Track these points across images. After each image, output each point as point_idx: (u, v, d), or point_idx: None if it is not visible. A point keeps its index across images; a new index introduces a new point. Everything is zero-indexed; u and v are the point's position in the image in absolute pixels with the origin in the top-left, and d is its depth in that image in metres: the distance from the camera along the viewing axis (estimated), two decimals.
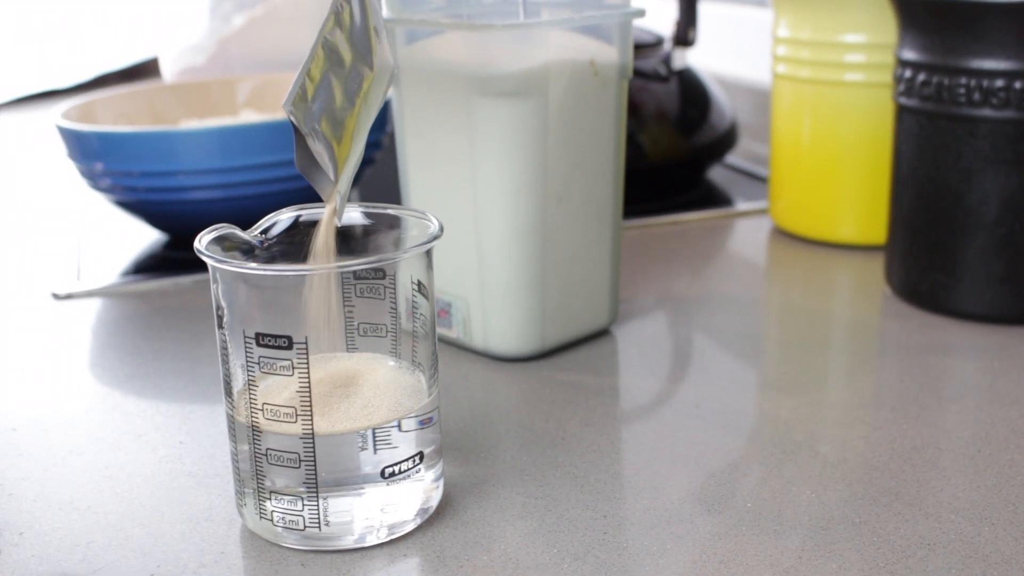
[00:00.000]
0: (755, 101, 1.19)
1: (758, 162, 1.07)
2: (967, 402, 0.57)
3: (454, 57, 0.59)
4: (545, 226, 0.60)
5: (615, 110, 0.63)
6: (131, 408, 0.59)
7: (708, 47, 1.26)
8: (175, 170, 0.78)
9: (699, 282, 0.77)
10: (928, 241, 0.67)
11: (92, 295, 0.77)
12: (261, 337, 0.42)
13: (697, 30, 0.97)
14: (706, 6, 1.30)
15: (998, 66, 0.62)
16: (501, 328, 0.62)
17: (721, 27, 1.30)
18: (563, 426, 0.55)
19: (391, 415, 0.44)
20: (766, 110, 1.13)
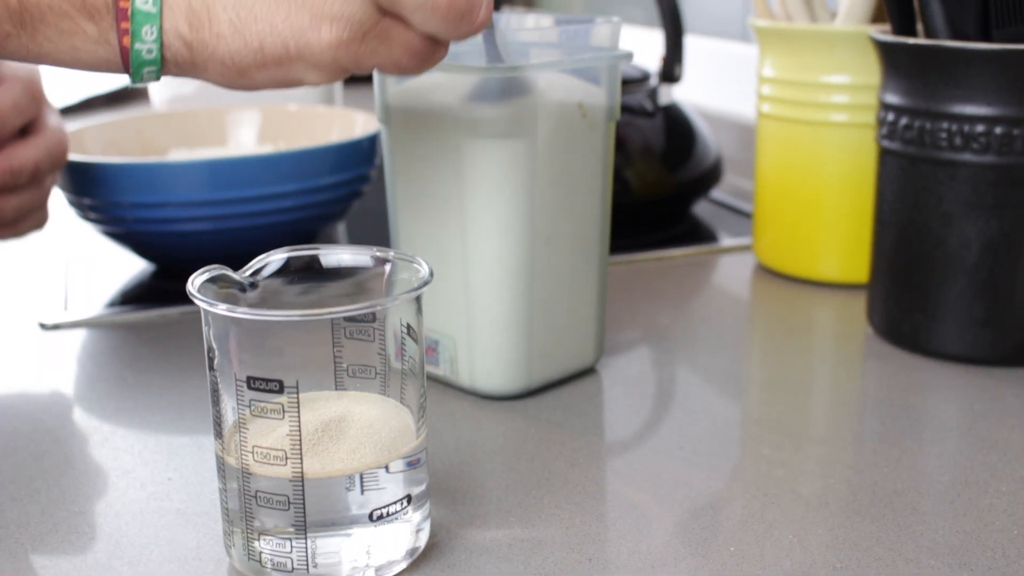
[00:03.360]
0: (740, 135, 1.21)
1: (742, 197, 1.08)
2: (947, 445, 0.58)
3: (444, 98, 0.60)
4: (533, 266, 0.61)
5: (603, 151, 0.63)
6: (119, 443, 0.59)
7: (693, 81, 1.28)
8: (164, 202, 0.79)
9: (683, 319, 0.78)
10: (910, 282, 0.68)
11: (79, 325, 0.77)
12: (252, 380, 0.43)
13: (683, 66, 0.98)
14: (692, 40, 1.31)
15: (979, 111, 0.63)
16: (488, 366, 0.62)
17: (706, 61, 1.31)
18: (548, 466, 0.56)
19: (380, 458, 0.45)
20: (751, 144, 1.14)
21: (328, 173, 0.82)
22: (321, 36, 0.48)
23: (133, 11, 0.46)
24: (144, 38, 0.47)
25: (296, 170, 0.81)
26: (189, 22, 0.47)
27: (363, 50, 0.49)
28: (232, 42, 0.47)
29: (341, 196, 0.85)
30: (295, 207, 0.81)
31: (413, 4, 0.48)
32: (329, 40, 0.48)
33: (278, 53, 0.48)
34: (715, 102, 1.30)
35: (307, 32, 0.47)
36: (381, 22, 0.49)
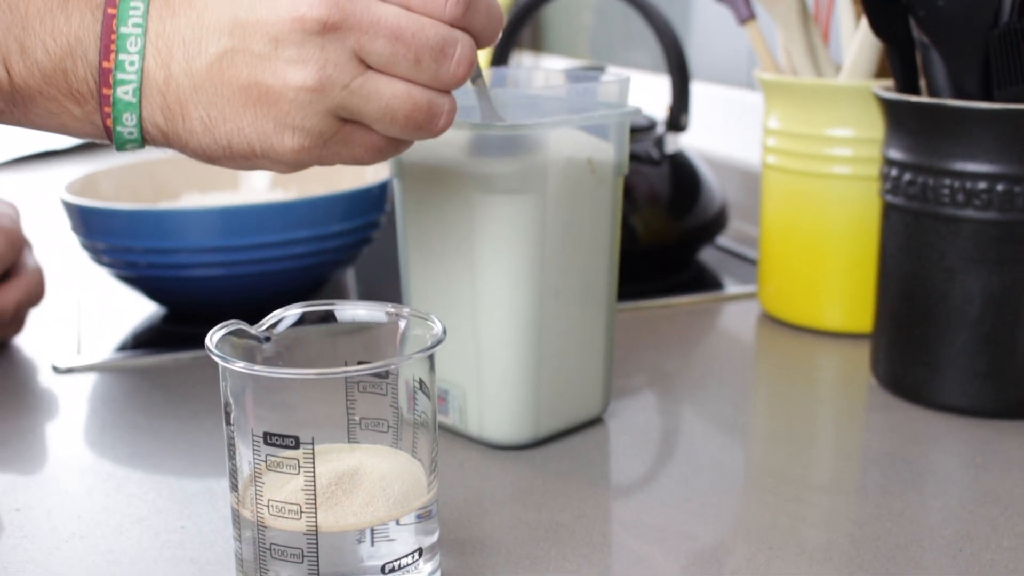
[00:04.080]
0: (745, 181, 1.22)
1: (748, 243, 1.09)
2: (949, 498, 0.59)
3: (455, 153, 0.61)
4: (541, 318, 0.62)
5: (611, 205, 0.65)
6: (133, 490, 0.60)
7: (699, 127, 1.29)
8: (177, 247, 0.80)
9: (688, 368, 0.79)
10: (912, 335, 0.69)
11: (92, 369, 0.78)
12: (269, 436, 0.44)
13: (689, 115, 0.99)
14: (698, 86, 1.32)
15: (980, 169, 0.65)
16: (496, 416, 0.63)
17: (712, 108, 1.32)
18: (556, 517, 0.56)
19: (392, 512, 0.46)
20: (756, 191, 1.15)
21: (339, 220, 0.84)
22: (284, 142, 0.50)
23: (114, 100, 0.49)
24: (125, 123, 0.50)
25: (308, 217, 0.82)
26: (164, 115, 0.50)
27: (325, 152, 0.52)
28: (202, 137, 0.51)
29: (352, 242, 0.86)
30: (306, 253, 0.83)
31: (373, 116, 0.51)
32: (291, 146, 0.51)
33: (244, 151, 0.51)
34: (720, 148, 1.31)
35: (271, 137, 0.50)
36: (343, 128, 0.51)
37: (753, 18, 0.87)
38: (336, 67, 0.49)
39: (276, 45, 0.48)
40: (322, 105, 0.50)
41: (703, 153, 1.26)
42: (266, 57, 0.48)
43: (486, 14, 0.52)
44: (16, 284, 0.80)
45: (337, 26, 0.48)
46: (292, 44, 0.48)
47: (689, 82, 0.99)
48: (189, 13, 0.49)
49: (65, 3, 0.48)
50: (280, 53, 0.48)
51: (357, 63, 0.49)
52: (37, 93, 0.49)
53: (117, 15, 0.48)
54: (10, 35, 0.47)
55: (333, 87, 0.49)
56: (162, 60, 0.49)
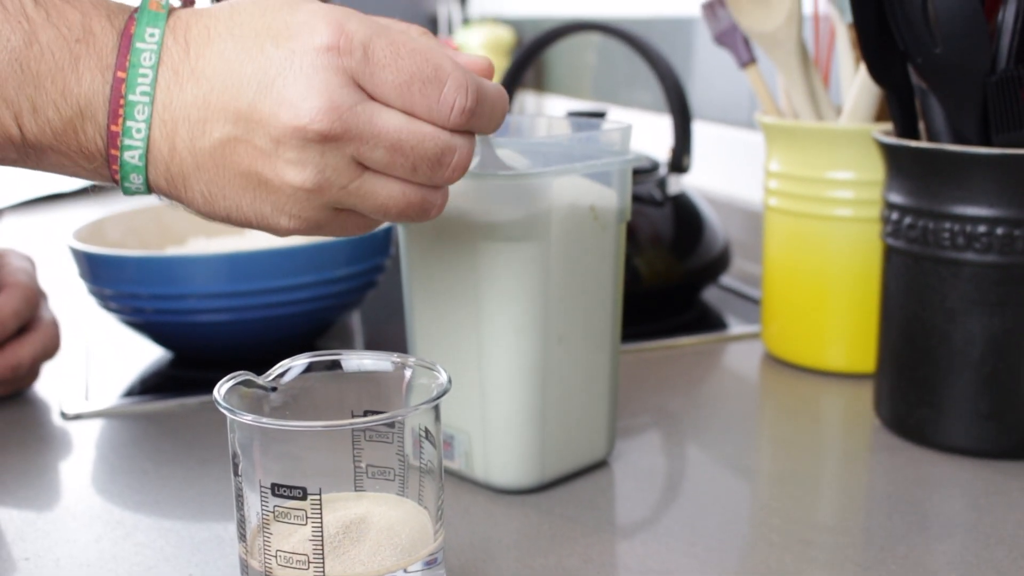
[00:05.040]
0: (747, 220, 1.22)
1: (750, 282, 1.10)
2: (954, 541, 0.59)
3: (460, 200, 0.62)
4: (546, 364, 0.63)
5: (614, 251, 0.65)
6: (141, 538, 0.61)
7: (701, 166, 1.30)
8: (183, 293, 0.81)
9: (692, 410, 0.80)
10: (915, 377, 0.70)
11: (99, 415, 0.79)
12: (277, 487, 0.44)
13: (691, 157, 1.00)
14: (700, 126, 1.33)
15: (980, 212, 0.65)
16: (502, 461, 0.64)
17: (714, 147, 1.33)
18: (562, 563, 0.57)
19: (400, 561, 0.46)
20: (759, 229, 1.16)
21: (344, 264, 0.84)
22: (280, 224, 0.52)
23: (121, 162, 0.50)
24: (132, 181, 0.51)
25: (313, 262, 0.82)
26: (167, 182, 0.51)
27: (321, 232, 0.53)
28: (203, 207, 0.52)
29: (357, 286, 0.87)
30: (312, 298, 0.83)
31: (368, 210, 0.53)
32: (287, 227, 0.52)
33: (242, 223, 0.53)
34: (723, 187, 1.32)
35: (268, 218, 0.52)
36: (338, 216, 0.53)
37: (754, 62, 0.88)
38: (335, 171, 0.50)
39: (277, 145, 0.49)
40: (319, 202, 0.51)
41: (705, 192, 1.27)
42: (267, 153, 0.49)
43: (490, 114, 0.53)
44: (32, 338, 0.81)
45: (338, 137, 0.49)
46: (292, 148, 0.49)
47: (691, 124, 1.00)
48: (196, 90, 0.49)
49: (76, 63, 0.48)
50: (280, 153, 0.49)
51: (355, 167, 0.50)
52: (48, 148, 0.50)
53: (126, 80, 0.49)
54: (22, 94, 0.48)
55: (330, 188, 0.50)
56: (167, 133, 0.50)
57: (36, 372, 0.83)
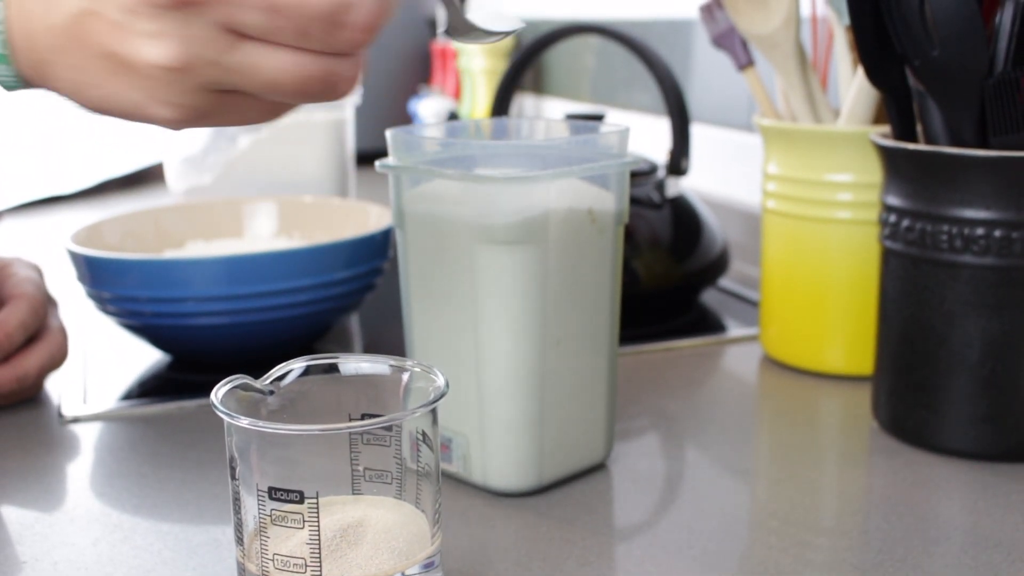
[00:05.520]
0: (746, 222, 1.22)
1: (749, 284, 1.10)
2: (952, 544, 0.59)
3: (457, 203, 0.62)
4: (544, 367, 0.63)
5: (612, 254, 0.65)
6: (139, 541, 0.61)
7: (699, 169, 1.30)
8: (182, 296, 0.81)
9: (691, 413, 0.79)
10: (913, 379, 0.70)
11: (98, 418, 0.79)
12: (274, 491, 0.44)
13: (690, 159, 1.00)
14: (698, 129, 1.33)
15: (978, 215, 0.65)
16: (500, 464, 0.64)
17: (712, 150, 1.33)
18: (560, 566, 0.57)
19: (397, 564, 0.46)
20: (757, 232, 1.16)
21: (343, 267, 0.84)
22: (159, 114, 0.45)
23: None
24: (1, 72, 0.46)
25: (311, 265, 0.82)
26: (34, 69, 0.46)
27: (210, 121, 0.46)
28: (76, 96, 0.46)
29: (355, 289, 0.87)
30: (310, 301, 0.83)
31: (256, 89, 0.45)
32: (168, 117, 0.45)
33: (121, 115, 0.46)
34: (721, 189, 1.32)
35: (144, 108, 0.45)
36: (224, 99, 0.45)
37: (752, 64, 0.88)
38: (201, 43, 0.43)
39: (129, 16, 0.42)
40: (191, 83, 0.44)
41: (704, 195, 1.27)
42: (121, 26, 0.42)
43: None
44: (39, 349, 0.80)
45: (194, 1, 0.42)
46: (146, 18, 0.42)
47: (689, 126, 1.00)
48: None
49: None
50: (135, 25, 0.42)
51: (227, 36, 0.43)
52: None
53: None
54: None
55: (200, 64, 0.43)
56: (23, 11, 0.44)
57: (42, 382, 0.83)
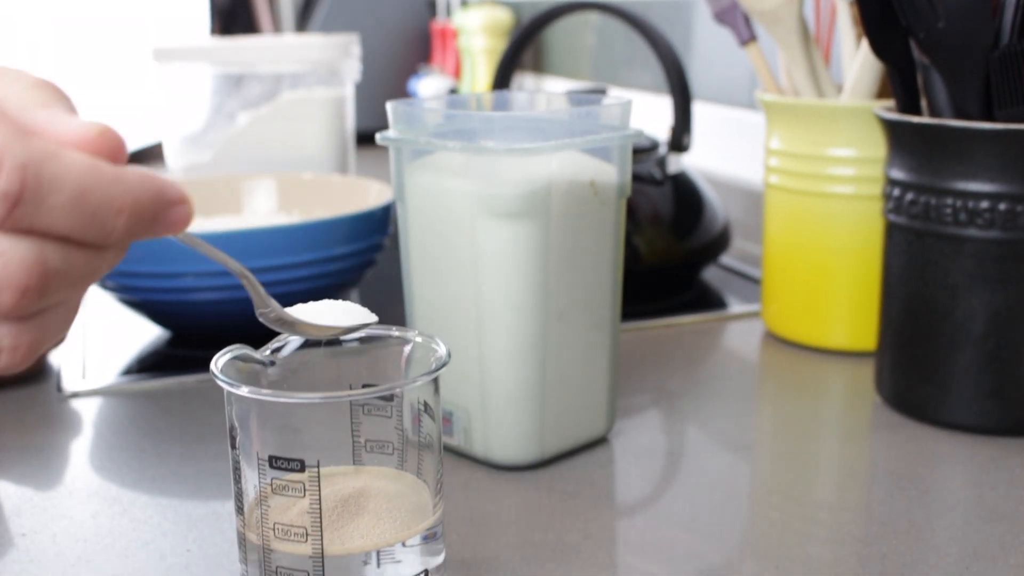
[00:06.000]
0: (747, 200, 1.22)
1: (750, 262, 1.09)
2: (955, 517, 0.59)
3: (458, 176, 0.61)
4: (546, 340, 0.62)
5: (614, 227, 0.65)
6: (139, 514, 0.60)
7: (701, 147, 1.29)
8: (181, 272, 0.80)
9: (692, 388, 0.79)
10: (917, 354, 0.69)
11: (97, 393, 0.78)
12: (274, 459, 0.44)
13: (691, 136, 1.00)
14: (700, 106, 1.33)
15: (983, 188, 0.65)
16: (501, 437, 0.63)
17: (714, 128, 1.33)
18: (562, 537, 0.56)
19: (398, 534, 0.46)
20: (759, 210, 1.15)
21: (343, 243, 0.84)
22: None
23: None
24: None
25: (311, 241, 0.82)
26: None
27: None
28: None
29: (355, 265, 0.86)
30: (310, 276, 0.83)
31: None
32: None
33: None
34: (723, 167, 1.31)
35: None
36: None
37: (754, 40, 0.88)
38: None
39: None
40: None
41: (705, 173, 1.26)
42: None
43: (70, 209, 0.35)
44: None
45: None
46: None
47: (691, 102, 0.99)
48: None
49: None
50: None
51: None
52: None
53: None
54: None
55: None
56: None
57: (43, 360, 0.82)
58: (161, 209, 0.37)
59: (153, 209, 0.36)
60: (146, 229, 0.37)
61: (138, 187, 0.36)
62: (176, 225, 0.38)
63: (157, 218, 0.37)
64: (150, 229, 0.37)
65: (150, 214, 0.36)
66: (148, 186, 0.36)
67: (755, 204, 1.18)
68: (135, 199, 0.36)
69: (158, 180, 0.37)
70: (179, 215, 0.38)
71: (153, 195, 0.36)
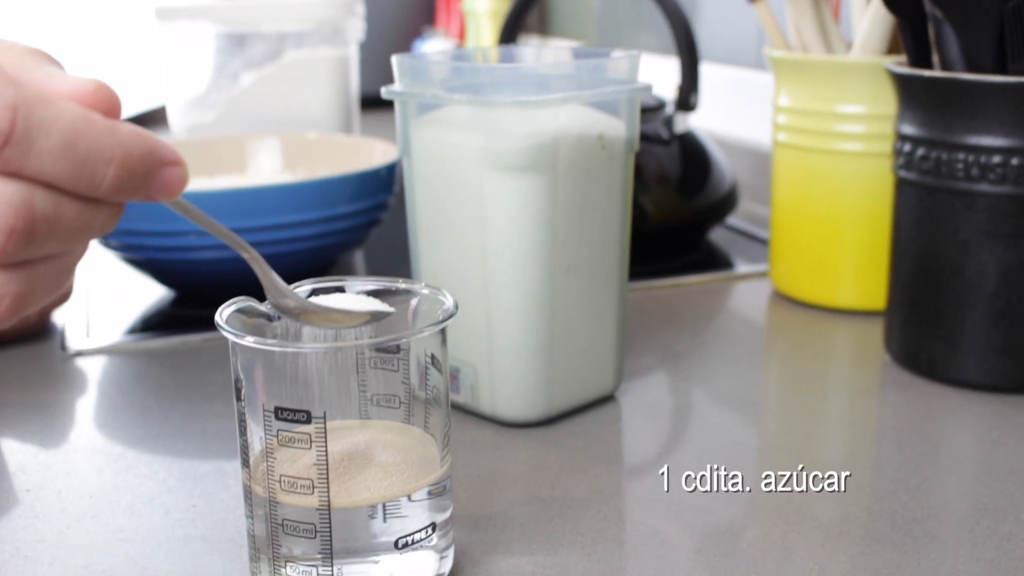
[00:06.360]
0: (755, 162, 1.21)
1: (758, 223, 1.09)
2: (965, 473, 0.58)
3: (465, 129, 0.61)
4: (553, 295, 0.62)
5: (622, 182, 0.64)
6: (144, 470, 0.60)
7: (708, 108, 1.28)
8: (184, 230, 0.80)
9: (700, 346, 0.79)
10: (927, 311, 0.69)
11: (102, 352, 0.78)
12: (280, 411, 0.44)
13: (699, 95, 0.99)
14: (707, 68, 1.32)
15: (995, 143, 0.64)
16: (508, 394, 0.63)
17: (721, 89, 1.32)
18: (570, 493, 0.56)
19: (405, 487, 0.45)
20: (766, 171, 1.14)
21: (348, 201, 0.83)
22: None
23: None
24: None
25: (316, 199, 0.81)
26: None
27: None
28: None
29: (360, 224, 0.86)
30: (315, 235, 0.82)
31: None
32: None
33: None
34: (730, 129, 1.30)
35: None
36: None
37: None
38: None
39: None
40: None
41: (713, 135, 1.26)
42: None
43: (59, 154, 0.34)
44: None
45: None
46: None
47: (698, 61, 0.98)
48: None
49: None
50: None
51: None
52: None
53: None
54: None
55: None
56: None
57: (47, 319, 0.82)
58: (153, 166, 0.36)
59: (144, 164, 0.36)
60: (137, 186, 0.36)
61: (130, 140, 0.36)
62: (169, 187, 0.37)
63: (149, 175, 0.36)
64: (142, 187, 0.37)
65: (141, 169, 0.36)
66: (140, 141, 0.36)
67: (762, 166, 1.18)
68: (126, 151, 0.35)
69: (152, 138, 0.37)
70: (173, 176, 0.37)
71: (145, 151, 0.36)
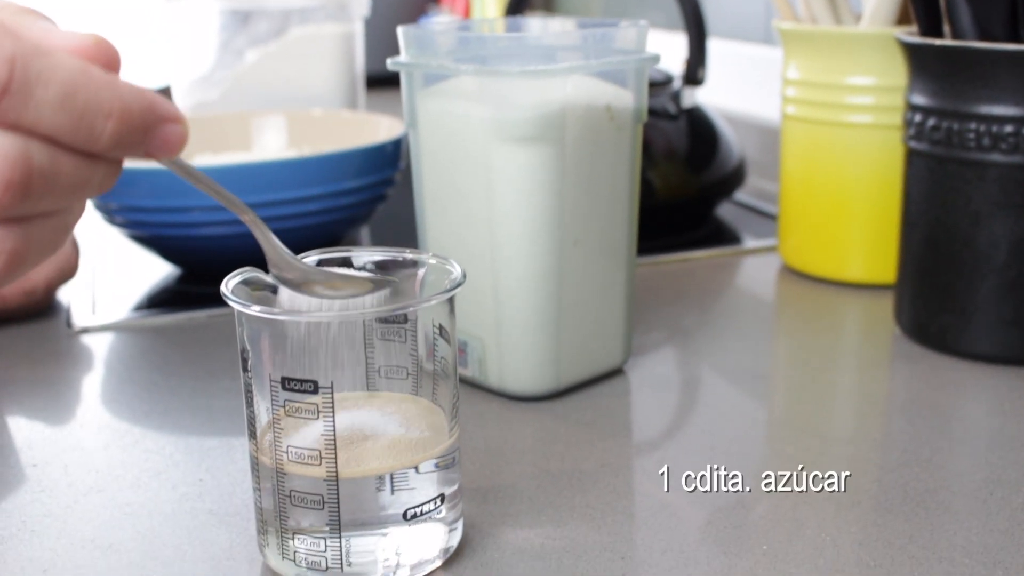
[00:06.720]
0: (763, 138, 1.20)
1: (766, 199, 1.08)
2: (978, 444, 0.58)
3: (471, 100, 0.60)
4: (561, 268, 0.61)
5: (630, 153, 0.64)
6: (150, 445, 0.60)
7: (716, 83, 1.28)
8: (190, 206, 0.79)
9: (709, 320, 0.78)
10: (937, 283, 0.68)
11: (108, 329, 0.78)
12: (287, 381, 0.43)
13: (707, 69, 0.98)
14: (715, 43, 1.31)
15: (1007, 112, 0.63)
16: (516, 367, 0.63)
17: (729, 64, 1.31)
18: (579, 466, 0.56)
19: (413, 458, 0.45)
20: (774, 147, 1.14)
21: (353, 177, 0.83)
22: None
23: None
24: None
25: (322, 174, 0.81)
26: None
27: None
28: None
29: (366, 199, 0.85)
30: (320, 211, 0.82)
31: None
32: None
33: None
34: (738, 104, 1.30)
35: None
36: None
37: None
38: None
39: None
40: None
41: (720, 110, 1.25)
42: None
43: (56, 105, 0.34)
44: (48, 261, 0.79)
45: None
46: None
47: (706, 34, 0.97)
48: None
49: None
50: None
51: None
52: None
53: None
54: None
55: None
56: None
57: (52, 296, 0.82)
58: (153, 122, 0.36)
59: (144, 120, 0.36)
60: (137, 141, 0.36)
61: (129, 94, 0.35)
62: (169, 143, 0.37)
63: (148, 131, 0.36)
64: (141, 142, 0.36)
65: (140, 124, 0.36)
66: (140, 96, 0.36)
67: (770, 141, 1.17)
68: (125, 105, 0.35)
69: (152, 94, 0.36)
70: (172, 133, 0.37)
71: (145, 106, 0.36)
